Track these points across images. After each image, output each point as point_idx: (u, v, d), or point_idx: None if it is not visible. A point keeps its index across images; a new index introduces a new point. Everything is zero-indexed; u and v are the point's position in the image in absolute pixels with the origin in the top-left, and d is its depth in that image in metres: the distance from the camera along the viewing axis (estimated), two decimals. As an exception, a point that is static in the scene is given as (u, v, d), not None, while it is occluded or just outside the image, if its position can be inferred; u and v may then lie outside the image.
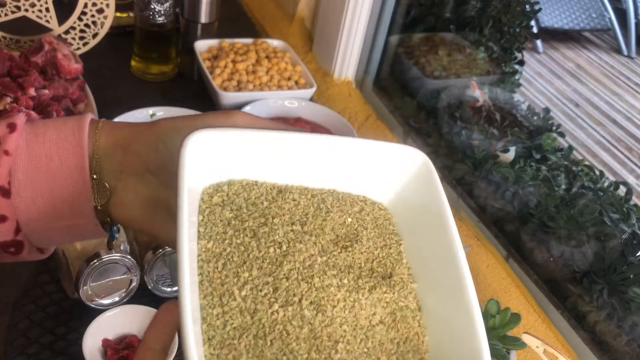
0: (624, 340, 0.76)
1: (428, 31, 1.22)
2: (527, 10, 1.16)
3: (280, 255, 0.35)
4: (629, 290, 0.75)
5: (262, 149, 0.38)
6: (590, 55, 2.25)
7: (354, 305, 0.34)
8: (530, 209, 0.87)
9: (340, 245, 0.37)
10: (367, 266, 0.37)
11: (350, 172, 0.40)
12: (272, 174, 0.39)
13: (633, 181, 1.31)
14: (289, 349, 0.32)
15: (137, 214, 0.39)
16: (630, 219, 0.82)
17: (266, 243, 0.35)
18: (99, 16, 1.00)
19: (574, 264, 0.82)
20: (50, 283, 0.69)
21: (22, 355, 0.62)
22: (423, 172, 0.40)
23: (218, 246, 0.34)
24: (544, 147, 0.98)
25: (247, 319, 0.32)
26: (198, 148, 0.35)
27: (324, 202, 0.39)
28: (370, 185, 0.41)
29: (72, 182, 0.37)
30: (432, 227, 0.38)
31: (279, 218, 0.37)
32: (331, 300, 0.34)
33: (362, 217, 0.40)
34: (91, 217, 0.39)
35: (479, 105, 1.05)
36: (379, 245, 0.39)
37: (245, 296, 0.32)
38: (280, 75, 1.03)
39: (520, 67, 1.19)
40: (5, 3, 0.94)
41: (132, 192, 0.38)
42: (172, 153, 0.36)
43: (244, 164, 0.38)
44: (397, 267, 0.38)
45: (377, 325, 0.35)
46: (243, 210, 0.37)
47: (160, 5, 0.99)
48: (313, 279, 0.34)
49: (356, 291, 0.35)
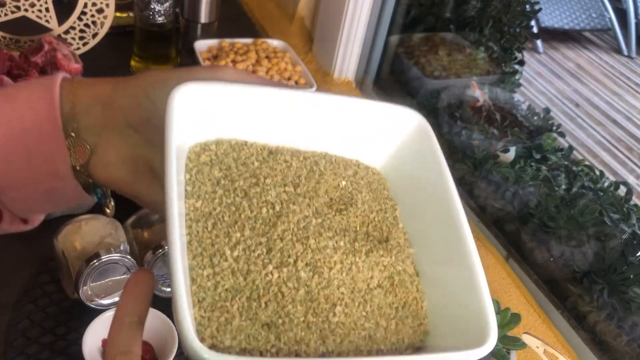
0: (624, 341, 0.76)
1: (428, 31, 1.22)
2: (527, 10, 1.16)
3: (274, 216, 0.33)
4: (629, 290, 0.75)
5: (253, 106, 0.36)
6: (590, 55, 2.25)
7: (351, 267, 0.33)
8: (530, 209, 0.87)
9: (334, 208, 0.36)
10: (363, 230, 0.36)
11: (343, 134, 0.39)
12: (263, 133, 0.37)
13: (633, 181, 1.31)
14: (285, 312, 0.30)
15: (120, 173, 0.36)
16: (630, 219, 0.82)
17: (258, 203, 0.34)
18: (98, 16, 1.00)
19: (574, 264, 0.82)
20: (50, 283, 0.69)
21: (22, 355, 0.62)
22: (419, 135, 0.38)
23: (207, 205, 0.33)
24: (544, 147, 0.98)
25: (239, 280, 0.30)
26: (186, 102, 0.33)
27: (316, 164, 0.38)
28: (364, 148, 0.39)
29: (46, 143, 0.35)
30: (430, 191, 0.37)
31: (271, 179, 0.35)
32: (328, 262, 0.33)
33: (357, 180, 0.39)
34: (70, 179, 0.37)
35: (479, 105, 1.05)
36: (374, 209, 0.37)
37: (238, 257, 0.31)
38: (280, 75, 1.03)
39: (520, 67, 1.19)
40: (5, 3, 0.94)
41: (114, 150, 0.36)
42: (156, 107, 0.34)
43: (233, 122, 0.36)
44: (393, 232, 0.37)
45: (375, 289, 0.34)
46: (233, 170, 0.35)
47: (160, 5, 0.99)
48: (308, 240, 0.33)
49: (353, 254, 0.34)
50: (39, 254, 0.70)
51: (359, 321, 0.32)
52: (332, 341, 0.31)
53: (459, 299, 0.33)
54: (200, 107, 0.34)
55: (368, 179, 0.39)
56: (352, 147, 0.39)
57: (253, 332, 0.29)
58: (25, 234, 0.74)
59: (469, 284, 0.32)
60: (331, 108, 0.37)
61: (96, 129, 0.36)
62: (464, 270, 0.33)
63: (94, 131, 0.36)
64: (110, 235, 0.67)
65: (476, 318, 0.31)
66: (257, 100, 0.36)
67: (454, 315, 0.33)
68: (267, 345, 0.29)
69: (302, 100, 0.37)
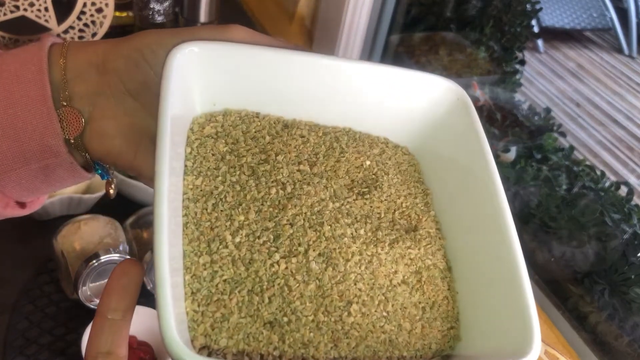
0: (625, 341, 0.75)
1: (428, 30, 1.21)
2: (528, 10, 1.16)
3: (284, 198, 0.29)
4: (630, 290, 0.75)
5: (266, 71, 0.31)
6: (591, 54, 2.25)
7: (371, 260, 0.29)
8: (531, 209, 0.87)
9: (356, 191, 0.31)
10: (388, 217, 0.31)
11: (370, 108, 0.33)
12: (277, 104, 0.32)
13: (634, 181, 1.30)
14: (291, 309, 0.26)
15: (118, 145, 0.32)
16: (631, 219, 0.82)
17: (267, 183, 0.29)
18: (98, 15, 1.00)
19: (575, 265, 0.81)
20: (49, 284, 0.69)
21: (21, 355, 0.62)
22: (458, 110, 0.33)
23: (209, 183, 0.29)
24: (544, 147, 0.98)
25: (240, 270, 0.26)
26: (186, 65, 0.29)
27: (337, 141, 0.33)
28: (393, 124, 0.34)
29: (35, 115, 0.31)
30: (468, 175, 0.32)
31: (284, 156, 0.31)
32: (344, 253, 0.28)
33: (383, 160, 0.33)
34: (64, 154, 0.33)
35: (479, 105, 1.05)
36: (403, 193, 0.32)
37: (240, 243, 0.27)
38: (280, 75, 1.03)
39: (521, 67, 1.18)
40: (4, 2, 0.94)
41: (110, 119, 0.32)
42: (155, 70, 0.31)
43: (243, 90, 0.32)
44: (423, 220, 0.32)
45: (398, 285, 0.29)
46: (240, 145, 0.31)
47: (159, 4, 0.99)
48: (323, 227, 0.29)
49: (374, 244, 0.29)
50: (38, 254, 0.70)
51: (379, 323, 0.28)
52: (346, 345, 0.27)
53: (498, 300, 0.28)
54: (204, 72, 0.30)
55: (397, 159, 0.34)
56: (380, 123, 0.34)
57: (253, 331, 0.25)
58: (25, 235, 0.74)
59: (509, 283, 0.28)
60: (357, 77, 0.32)
61: (90, 96, 0.32)
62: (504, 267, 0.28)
63: (87, 99, 0.32)
64: (110, 236, 0.67)
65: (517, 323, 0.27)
66: (271, 65, 0.31)
67: (491, 319, 0.29)
68: (270, 347, 0.25)
69: (325, 67, 0.32)
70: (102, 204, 0.75)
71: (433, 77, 0.34)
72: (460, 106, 0.33)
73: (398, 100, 0.34)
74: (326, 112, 0.33)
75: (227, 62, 0.31)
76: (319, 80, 0.32)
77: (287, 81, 0.32)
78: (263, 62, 0.31)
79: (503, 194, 0.30)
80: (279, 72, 0.31)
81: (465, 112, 0.33)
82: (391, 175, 0.33)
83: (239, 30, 0.32)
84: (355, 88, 0.33)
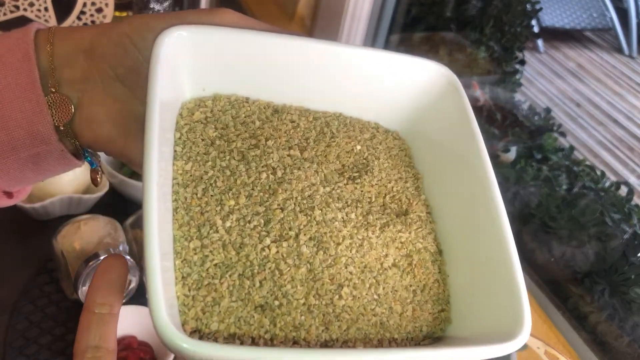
0: (625, 341, 0.75)
1: (429, 30, 1.21)
2: (528, 10, 1.16)
3: (275, 183, 0.29)
4: (630, 290, 0.75)
5: (255, 56, 0.31)
6: (591, 54, 2.25)
7: (362, 244, 0.29)
8: (531, 209, 0.87)
9: (346, 175, 0.31)
10: (379, 201, 0.31)
11: (360, 92, 0.33)
12: (267, 89, 0.32)
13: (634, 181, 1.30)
14: (282, 292, 0.26)
15: (108, 132, 0.32)
16: (631, 219, 0.82)
17: (257, 168, 0.29)
18: (98, 16, 1.00)
19: (575, 265, 0.81)
20: (49, 284, 0.69)
21: (21, 355, 0.62)
22: (448, 94, 0.33)
23: (198, 168, 0.29)
24: (545, 147, 0.98)
25: (231, 254, 0.26)
26: (174, 50, 0.28)
27: (328, 126, 0.33)
28: (383, 109, 0.34)
29: (24, 102, 0.31)
30: (459, 160, 0.32)
31: (274, 140, 0.31)
32: (335, 237, 0.28)
33: (374, 145, 0.33)
34: (54, 142, 0.32)
35: (479, 105, 1.05)
36: (393, 178, 0.33)
37: (230, 228, 0.27)
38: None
39: (521, 67, 1.18)
40: (4, 2, 0.94)
41: (101, 105, 0.32)
42: (143, 55, 0.30)
43: (233, 75, 0.32)
44: (414, 204, 0.32)
45: (389, 268, 0.29)
46: (230, 130, 0.31)
47: (159, 4, 0.99)
48: (313, 211, 0.29)
49: (365, 228, 0.29)
50: (38, 254, 0.70)
51: (370, 305, 0.28)
52: (337, 328, 0.27)
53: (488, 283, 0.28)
54: (193, 57, 0.30)
55: (387, 143, 0.34)
56: (371, 107, 0.34)
57: (245, 314, 0.25)
58: (25, 235, 0.74)
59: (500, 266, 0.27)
60: (348, 61, 0.32)
61: (78, 82, 0.32)
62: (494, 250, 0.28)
63: (76, 84, 0.32)
64: (110, 236, 0.67)
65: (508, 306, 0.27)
66: (260, 49, 0.31)
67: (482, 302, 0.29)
68: (261, 331, 0.25)
69: (315, 51, 0.31)
70: (102, 204, 0.75)
71: (424, 61, 0.33)
72: (451, 90, 0.33)
73: (389, 85, 0.34)
74: (317, 97, 0.33)
75: (216, 46, 0.30)
76: (309, 64, 0.32)
77: (277, 66, 0.32)
78: (252, 46, 0.31)
79: (493, 177, 0.30)
80: (268, 56, 0.31)
81: (456, 96, 0.33)
82: (382, 160, 0.33)
83: (229, 14, 0.31)
84: (346, 72, 0.33)
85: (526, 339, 0.25)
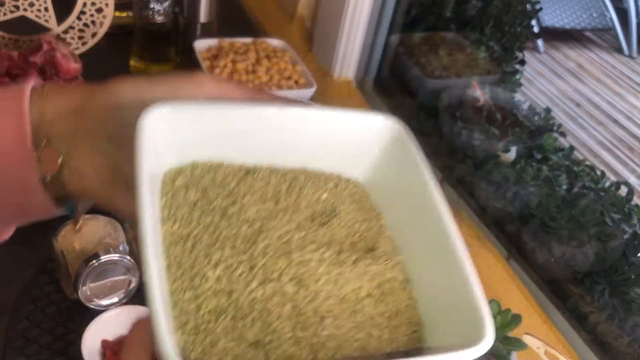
0: (625, 341, 0.75)
1: (428, 30, 1.21)
2: (528, 10, 1.16)
3: (254, 233, 0.33)
4: (630, 290, 0.75)
5: (227, 125, 0.35)
6: (591, 54, 2.25)
7: (338, 279, 0.32)
8: (531, 209, 0.87)
9: (317, 221, 0.35)
10: (348, 241, 0.35)
11: (321, 149, 0.38)
12: (239, 153, 0.36)
13: (634, 181, 1.30)
14: (272, 329, 0.29)
15: (94, 184, 0.35)
16: (631, 219, 0.82)
17: (237, 222, 0.33)
18: (98, 16, 1.00)
19: (575, 265, 0.81)
20: (50, 284, 0.69)
21: (21, 355, 0.62)
22: (397, 143, 0.37)
23: (185, 228, 0.32)
24: (545, 147, 0.98)
25: (222, 300, 0.30)
26: (156, 125, 0.32)
27: (296, 179, 0.37)
28: (342, 161, 0.38)
29: (14, 155, 0.34)
30: (414, 199, 0.36)
31: (250, 196, 0.35)
32: (313, 275, 0.32)
33: (339, 192, 0.38)
34: (39, 191, 0.35)
35: (479, 105, 1.05)
36: (359, 219, 0.36)
37: (219, 277, 0.30)
38: (280, 75, 1.03)
39: (521, 67, 1.18)
40: (4, 2, 0.94)
41: (89, 159, 0.35)
42: (130, 119, 0.33)
43: (208, 142, 0.35)
44: (379, 240, 0.36)
45: (364, 298, 0.33)
46: (209, 192, 0.34)
47: (159, 4, 0.99)
48: (292, 254, 0.32)
49: (339, 265, 0.33)
50: (38, 254, 0.70)
51: (351, 332, 0.31)
52: (324, 354, 0.30)
53: (452, 300, 0.32)
54: (172, 130, 0.34)
55: (350, 190, 0.38)
56: (332, 161, 0.39)
57: (240, 352, 0.28)
58: (25, 235, 0.74)
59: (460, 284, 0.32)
60: (306, 122, 0.37)
61: (67, 137, 0.35)
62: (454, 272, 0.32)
63: (65, 139, 0.35)
64: (110, 236, 0.67)
65: (471, 317, 0.30)
66: (230, 119, 0.35)
67: (449, 318, 0.32)
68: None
69: (276, 116, 0.36)
70: (102, 204, 0.75)
71: (373, 116, 0.38)
72: (400, 139, 0.37)
73: (345, 140, 0.38)
74: (283, 155, 0.38)
75: (193, 120, 0.34)
76: (272, 128, 0.36)
77: (246, 132, 0.36)
78: (223, 117, 0.35)
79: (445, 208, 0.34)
80: (238, 125, 0.36)
81: (405, 144, 0.37)
82: (347, 205, 0.37)
83: (207, 84, 0.35)
84: (307, 132, 0.37)
85: (491, 342, 0.29)
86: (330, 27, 1.12)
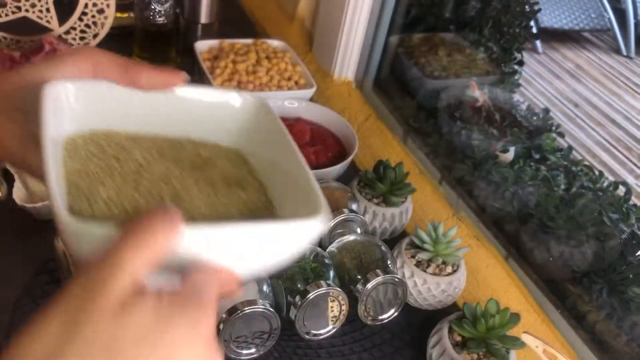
0: (623, 340, 0.76)
1: (428, 31, 1.22)
2: (526, 11, 1.17)
3: (141, 167, 0.40)
4: (629, 290, 0.75)
5: (118, 101, 0.42)
6: (589, 55, 2.26)
7: (210, 195, 0.40)
8: (529, 208, 0.87)
9: (196, 167, 0.42)
10: (222, 179, 0.42)
11: (199, 121, 0.45)
12: (130, 125, 0.43)
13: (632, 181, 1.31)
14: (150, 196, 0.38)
15: (12, 146, 0.42)
16: (629, 219, 0.83)
17: (127, 162, 0.40)
18: (99, 16, 1.00)
19: (573, 264, 0.82)
20: (51, 283, 0.69)
21: (23, 355, 0.62)
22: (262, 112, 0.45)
23: (83, 165, 0.38)
24: (543, 147, 0.98)
25: (113, 210, 0.36)
26: (57, 98, 0.39)
27: (179, 142, 0.44)
28: (219, 132, 0.45)
29: None
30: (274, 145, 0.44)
31: (138, 150, 0.41)
32: (190, 192, 0.39)
33: (216, 152, 0.44)
34: None
35: (478, 106, 1.05)
36: (232, 169, 0.43)
37: (109, 197, 0.37)
38: (280, 76, 1.03)
39: (519, 68, 1.19)
40: (6, 3, 0.94)
41: (3, 127, 0.42)
42: (34, 94, 0.39)
43: (102, 114, 0.42)
44: (249, 179, 0.43)
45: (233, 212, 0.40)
46: (104, 145, 0.41)
47: (160, 5, 0.99)
48: (171, 181, 0.39)
49: (214, 191, 0.40)
50: (39, 254, 0.71)
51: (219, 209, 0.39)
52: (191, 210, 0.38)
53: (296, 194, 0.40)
54: (71, 102, 0.40)
55: (225, 151, 0.45)
56: (209, 131, 0.45)
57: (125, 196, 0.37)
58: (25, 234, 0.74)
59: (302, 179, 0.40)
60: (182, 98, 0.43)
61: None
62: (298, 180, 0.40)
63: None
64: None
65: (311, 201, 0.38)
66: (119, 96, 0.41)
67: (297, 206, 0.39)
68: None
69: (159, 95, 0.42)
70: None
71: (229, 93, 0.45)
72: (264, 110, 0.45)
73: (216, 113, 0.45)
74: (170, 125, 0.44)
75: (86, 95, 0.41)
76: (156, 104, 0.43)
77: (135, 106, 0.42)
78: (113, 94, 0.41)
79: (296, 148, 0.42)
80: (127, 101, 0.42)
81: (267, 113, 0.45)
82: (222, 159, 0.44)
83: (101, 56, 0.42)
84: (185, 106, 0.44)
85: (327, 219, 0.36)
86: (330, 28, 1.12)
